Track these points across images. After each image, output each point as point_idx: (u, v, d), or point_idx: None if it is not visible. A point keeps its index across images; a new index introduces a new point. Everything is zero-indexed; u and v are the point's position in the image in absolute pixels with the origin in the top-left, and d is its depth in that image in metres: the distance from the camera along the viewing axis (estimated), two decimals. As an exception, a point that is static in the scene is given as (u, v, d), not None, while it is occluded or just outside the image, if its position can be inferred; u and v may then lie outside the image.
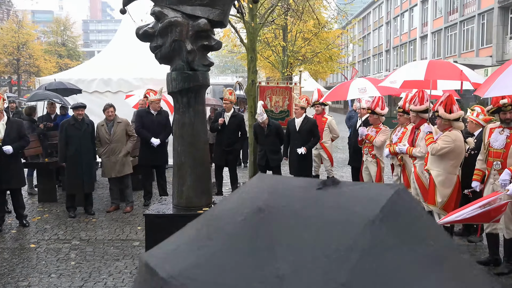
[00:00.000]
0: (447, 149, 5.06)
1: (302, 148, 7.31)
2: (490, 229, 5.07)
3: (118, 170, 7.32)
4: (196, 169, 4.41)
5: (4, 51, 39.29)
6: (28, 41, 40.97)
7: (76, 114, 7.07)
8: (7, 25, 41.76)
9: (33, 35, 44.01)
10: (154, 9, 4.21)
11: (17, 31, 39.62)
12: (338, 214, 0.89)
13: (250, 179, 1.12)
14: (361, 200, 0.94)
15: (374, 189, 1.05)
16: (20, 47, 40.16)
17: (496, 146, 4.80)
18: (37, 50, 42.54)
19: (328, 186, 1.01)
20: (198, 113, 4.39)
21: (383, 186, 1.08)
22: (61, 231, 6.39)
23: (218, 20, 4.29)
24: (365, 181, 7.38)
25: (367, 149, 7.11)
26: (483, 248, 5.61)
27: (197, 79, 4.29)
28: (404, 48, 42.35)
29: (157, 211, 4.43)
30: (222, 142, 7.93)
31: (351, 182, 1.13)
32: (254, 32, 8.36)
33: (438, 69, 5.59)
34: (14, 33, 39.59)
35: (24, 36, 40.23)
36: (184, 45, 4.19)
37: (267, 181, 1.08)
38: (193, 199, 4.40)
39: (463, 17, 30.26)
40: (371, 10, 52.50)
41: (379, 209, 0.84)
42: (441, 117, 5.12)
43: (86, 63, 14.56)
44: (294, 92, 8.67)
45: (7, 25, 42.21)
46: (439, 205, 5.25)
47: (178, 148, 4.42)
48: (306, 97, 7.63)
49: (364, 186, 1.13)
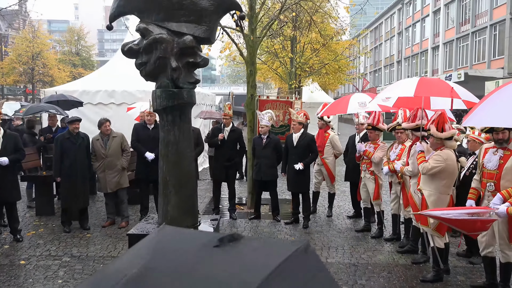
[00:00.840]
0: (438, 169, 4.90)
1: (299, 164, 7.18)
2: (486, 251, 4.88)
3: (114, 185, 7.29)
4: (181, 188, 4.31)
5: (19, 61, 39.91)
6: (43, 51, 41.58)
7: (72, 128, 7.05)
8: (22, 35, 42.51)
9: (48, 44, 44.71)
10: (139, 26, 4.15)
11: (31, 40, 40.24)
12: (229, 275, 0.84)
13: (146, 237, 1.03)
14: (256, 260, 0.89)
15: (275, 246, 0.96)
16: (34, 57, 40.79)
17: (489, 167, 4.63)
18: (51, 59, 43.16)
19: (227, 244, 0.93)
20: (183, 132, 4.31)
21: (285, 245, 0.99)
22: (53, 247, 6.33)
23: (204, 37, 4.22)
24: (363, 198, 7.21)
25: (365, 165, 6.96)
26: (480, 271, 5.40)
27: (182, 97, 4.21)
28: (415, 59, 42.06)
29: (141, 230, 4.34)
30: (222, 157, 7.85)
31: (254, 238, 1.05)
32: (254, 45, 8.30)
33: (428, 86, 5.45)
34: (29, 42, 40.19)
35: (39, 45, 40.83)
36: (169, 62, 4.12)
37: (160, 238, 1.00)
38: (177, 219, 4.30)
39: (475, 28, 29.95)
40: (383, 20, 52.34)
41: (271, 270, 0.79)
42: (433, 135, 4.97)
43: (91, 75, 14.65)
44: (294, 107, 8.54)
45: (22, 34, 42.99)
46: (432, 226, 5.08)
47: (163, 166, 4.34)
48: (304, 112, 7.52)
49: (267, 242, 1.03)
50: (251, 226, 7.45)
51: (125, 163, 7.38)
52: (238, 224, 7.54)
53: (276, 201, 7.86)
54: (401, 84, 6.23)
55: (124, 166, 7.40)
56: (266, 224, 7.57)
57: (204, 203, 9.03)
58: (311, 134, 7.60)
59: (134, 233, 4.26)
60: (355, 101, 7.12)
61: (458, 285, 5.18)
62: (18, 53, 40.01)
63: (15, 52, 40.54)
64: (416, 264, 5.78)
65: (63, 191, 7.08)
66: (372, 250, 6.30)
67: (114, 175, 7.30)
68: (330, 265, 5.69)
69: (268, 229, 7.25)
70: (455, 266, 5.73)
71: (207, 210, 8.38)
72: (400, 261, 5.89)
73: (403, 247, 6.31)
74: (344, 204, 9.11)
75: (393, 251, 6.31)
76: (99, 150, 7.30)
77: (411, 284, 5.16)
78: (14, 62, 39.80)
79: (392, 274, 5.44)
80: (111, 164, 7.27)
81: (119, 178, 7.38)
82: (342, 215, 8.26)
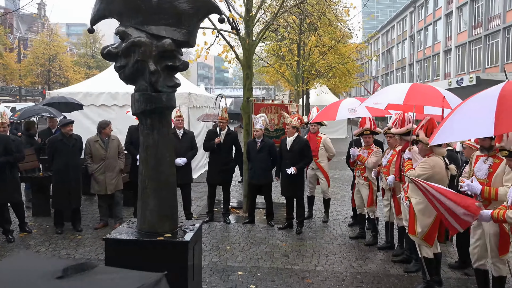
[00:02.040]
0: (424, 176, 4.76)
1: (291, 168, 7.08)
2: (478, 264, 4.73)
3: (113, 186, 7.35)
4: (160, 193, 4.26)
5: (36, 63, 41.10)
6: (59, 53, 42.48)
7: (66, 131, 7.07)
8: (39, 38, 43.48)
9: (64, 47, 45.62)
10: (118, 29, 4.12)
11: (48, 43, 41.10)
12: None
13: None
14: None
15: (128, 279, 0.88)
16: (51, 59, 41.77)
17: (479, 176, 4.48)
18: (67, 61, 44.07)
19: (72, 274, 0.86)
20: (162, 135, 4.25)
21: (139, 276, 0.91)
22: (43, 248, 6.33)
23: (183, 40, 4.17)
24: (357, 205, 7.08)
25: (359, 171, 6.83)
26: (475, 283, 5.22)
27: (161, 101, 4.15)
28: (427, 62, 41.62)
29: (118, 235, 4.29)
30: (218, 161, 7.78)
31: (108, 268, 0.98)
32: (250, 48, 8.23)
33: (419, 94, 5.28)
34: (46, 45, 41.22)
35: (55, 48, 41.78)
36: (147, 66, 4.07)
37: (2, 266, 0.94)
38: (155, 224, 4.25)
39: (488, 31, 29.51)
40: (395, 23, 51.92)
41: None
42: (422, 141, 4.83)
43: (94, 77, 14.76)
44: (290, 110, 8.45)
45: (39, 37, 43.96)
46: (420, 235, 4.93)
47: (142, 170, 4.29)
48: (298, 116, 7.42)
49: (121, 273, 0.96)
50: (244, 231, 7.37)
51: (123, 165, 7.50)
52: (231, 229, 7.47)
53: (271, 205, 7.77)
54: (391, 89, 6.04)
55: (121, 168, 7.49)
56: (259, 229, 7.48)
57: (201, 206, 8.98)
58: (304, 138, 7.50)
59: (111, 238, 4.20)
60: (345, 107, 6.99)
61: (449, 297, 5.04)
62: (36, 56, 41.11)
63: (32, 55, 41.70)
64: (408, 273, 5.64)
65: (55, 192, 7.09)
66: (364, 259, 6.17)
67: (114, 176, 7.37)
68: (318, 273, 5.58)
69: (260, 235, 7.16)
70: (449, 277, 5.58)
71: (202, 214, 8.32)
72: (392, 271, 5.75)
73: (398, 256, 6.17)
74: (342, 210, 8.98)
75: (386, 260, 6.17)
76: (98, 152, 7.29)
77: (399, 295, 5.03)
78: (31, 64, 40.89)
79: (381, 285, 5.30)
80: (110, 165, 7.33)
81: (117, 180, 7.45)
82: (338, 221, 8.13)
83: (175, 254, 4.09)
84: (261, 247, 6.51)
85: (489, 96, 3.48)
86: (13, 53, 42.41)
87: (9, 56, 38.89)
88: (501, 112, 3.20)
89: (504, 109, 3.22)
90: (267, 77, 29.41)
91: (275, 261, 5.95)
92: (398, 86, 5.99)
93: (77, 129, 10.51)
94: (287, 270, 5.64)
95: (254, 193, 7.82)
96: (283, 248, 6.50)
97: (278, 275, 5.46)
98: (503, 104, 3.27)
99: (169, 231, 4.28)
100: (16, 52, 43.94)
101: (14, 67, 38.83)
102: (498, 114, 3.19)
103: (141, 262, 4.11)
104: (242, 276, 5.39)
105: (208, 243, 6.68)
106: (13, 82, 42.23)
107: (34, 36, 48.31)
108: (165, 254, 4.10)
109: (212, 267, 5.70)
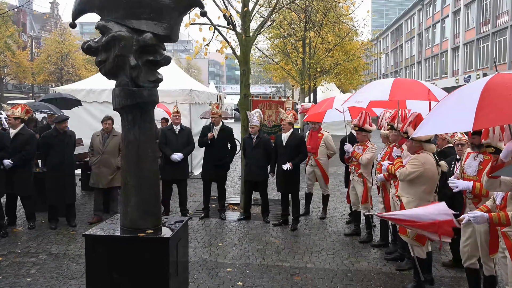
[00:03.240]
0: (416, 174, 4.66)
1: (287, 164, 7.02)
2: (468, 263, 4.61)
3: (106, 181, 7.34)
4: (142, 189, 4.21)
5: (49, 61, 41.69)
6: (71, 51, 42.94)
7: (61, 127, 7.09)
8: (52, 37, 44.00)
9: (76, 45, 46.08)
10: (98, 23, 4.08)
11: (60, 42, 41.58)
12: None
13: None
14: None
15: None
16: (63, 57, 42.32)
17: (469, 173, 4.38)
18: (79, 59, 44.49)
19: None
20: (144, 131, 4.20)
21: None
22: (35, 244, 6.34)
23: (164, 34, 4.11)
24: (352, 202, 7.01)
25: (354, 167, 6.74)
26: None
27: (142, 96, 4.10)
28: (435, 60, 41.18)
29: (98, 231, 4.26)
30: (212, 156, 7.74)
31: None
32: (247, 44, 8.17)
33: (403, 88, 5.15)
34: (58, 44, 41.78)
35: (67, 46, 42.22)
36: (128, 60, 4.03)
37: None
38: (137, 220, 4.20)
39: (496, 28, 29.08)
40: (403, 21, 51.46)
41: None
42: (412, 138, 4.72)
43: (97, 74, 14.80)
44: (286, 107, 8.38)
45: (51, 36, 44.49)
46: (411, 235, 4.82)
47: (124, 166, 4.25)
48: (293, 112, 7.34)
49: None
50: (238, 227, 7.32)
51: (120, 163, 7.34)
52: (225, 225, 7.43)
53: (266, 202, 7.72)
54: (373, 86, 5.86)
55: (119, 166, 7.34)
56: (254, 225, 7.42)
57: (198, 202, 8.95)
58: (300, 134, 7.43)
59: (90, 234, 4.17)
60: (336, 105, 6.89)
61: (440, 296, 4.94)
62: (48, 54, 41.74)
63: (45, 53, 42.14)
64: (400, 271, 5.55)
65: (50, 188, 7.10)
66: (356, 256, 6.09)
67: (109, 172, 7.38)
68: (308, 270, 5.52)
69: (254, 231, 7.10)
70: (442, 276, 5.47)
71: (199, 210, 8.29)
72: (384, 269, 5.66)
73: (391, 254, 6.08)
74: (340, 207, 8.90)
75: (379, 257, 6.08)
76: (97, 146, 7.42)
77: (389, 294, 4.94)
78: (44, 62, 41.35)
79: (371, 282, 5.22)
80: (106, 161, 7.35)
81: (113, 176, 7.43)
82: (335, 218, 8.05)
83: (155, 250, 4.05)
84: (253, 244, 6.46)
85: (473, 89, 3.36)
86: (26, 52, 42.93)
87: (21, 54, 39.36)
88: (483, 107, 3.06)
89: (486, 104, 3.09)
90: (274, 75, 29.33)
91: (266, 258, 5.90)
92: (381, 83, 5.84)
93: (80, 125, 10.62)
94: (277, 267, 5.58)
95: (250, 189, 7.77)
96: (276, 245, 6.44)
97: (267, 272, 5.40)
98: (485, 99, 3.13)
99: (151, 227, 4.24)
100: (28, 50, 44.50)
101: (26, 65, 39.34)
102: (479, 108, 3.06)
103: (121, 258, 4.08)
104: (230, 273, 5.34)
105: (200, 239, 6.65)
106: (26, 80, 42.79)
107: (47, 35, 48.84)
108: (145, 251, 4.06)
109: (202, 263, 5.66)
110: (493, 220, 3.61)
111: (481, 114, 3.02)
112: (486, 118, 3.01)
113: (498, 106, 2.98)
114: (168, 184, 7.75)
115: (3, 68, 38.67)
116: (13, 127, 6.85)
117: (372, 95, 5.43)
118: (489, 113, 3.04)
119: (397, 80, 5.28)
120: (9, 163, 6.61)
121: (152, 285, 4.05)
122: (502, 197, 3.72)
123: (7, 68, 38.87)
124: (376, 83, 6.14)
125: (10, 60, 36.77)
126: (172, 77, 12.72)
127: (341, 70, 22.72)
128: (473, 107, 3.10)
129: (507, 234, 3.68)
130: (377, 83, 6.14)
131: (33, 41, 48.79)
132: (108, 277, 4.07)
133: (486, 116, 3.01)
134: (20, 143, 6.78)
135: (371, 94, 5.47)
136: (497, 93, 3.05)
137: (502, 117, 3.00)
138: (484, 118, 2.99)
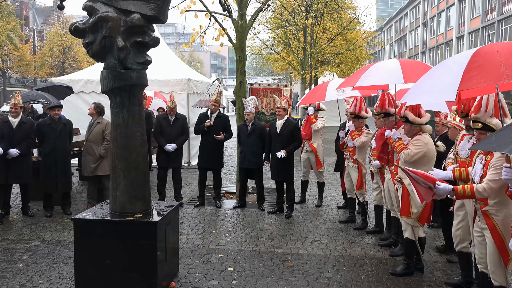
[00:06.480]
0: (420, 154, 4.71)
1: (281, 151, 6.98)
2: (460, 246, 4.56)
3: (91, 170, 7.22)
4: (130, 173, 4.20)
5: (51, 54, 41.81)
6: (73, 45, 42.93)
7: (53, 115, 7.05)
8: (54, 30, 44.00)
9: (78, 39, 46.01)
10: (85, 4, 4.04)
11: (63, 35, 41.59)
12: None
13: None
14: None
15: None
16: (65, 50, 42.35)
17: (462, 155, 4.33)
18: (81, 53, 44.51)
19: None
20: (133, 114, 4.18)
21: None
22: (29, 231, 6.35)
23: (152, 15, 4.07)
24: (347, 188, 6.97)
25: (349, 153, 6.69)
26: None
27: (130, 78, 4.07)
28: (440, 49, 40.84)
29: (87, 216, 4.25)
30: (208, 144, 7.71)
31: None
32: (243, 31, 8.09)
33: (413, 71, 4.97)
34: (60, 37, 41.87)
35: (69, 39, 42.24)
36: (115, 42, 3.99)
37: None
38: (126, 205, 4.20)
39: (502, 16, 28.75)
40: (408, 10, 51.01)
41: None
42: (412, 122, 4.73)
43: (95, 65, 14.78)
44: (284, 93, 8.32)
45: (53, 30, 44.52)
46: (414, 216, 4.82)
47: (113, 150, 4.23)
48: (287, 99, 7.28)
49: None
50: (233, 215, 7.30)
51: (103, 152, 7.13)
52: (220, 213, 7.41)
53: (262, 189, 7.69)
54: (381, 68, 5.52)
55: (101, 154, 7.19)
56: (249, 213, 7.41)
57: (195, 191, 8.93)
58: (294, 121, 7.37)
59: (79, 218, 4.16)
60: (333, 88, 6.81)
61: (433, 282, 4.88)
62: (50, 47, 41.85)
63: (47, 46, 42.24)
64: (393, 256, 5.52)
65: (44, 176, 7.09)
66: (350, 242, 6.06)
67: (92, 160, 7.20)
68: (300, 256, 5.50)
69: (249, 218, 7.08)
70: (435, 261, 5.44)
71: (195, 198, 8.27)
72: (377, 255, 5.63)
73: (385, 240, 6.05)
74: (337, 195, 8.86)
75: (373, 243, 6.05)
76: (86, 133, 7.38)
77: (380, 279, 4.89)
78: (46, 55, 41.40)
79: (363, 268, 5.19)
80: (90, 149, 7.22)
81: (96, 164, 7.21)
82: (331, 206, 8.02)
83: (144, 234, 4.04)
84: (247, 231, 6.44)
85: (463, 56, 3.36)
86: (28, 45, 42.98)
87: (24, 47, 39.41)
88: (470, 70, 3.08)
89: (474, 67, 3.09)
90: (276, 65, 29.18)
91: (258, 244, 5.88)
92: (386, 64, 5.61)
93: (78, 115, 10.57)
94: (269, 253, 5.56)
95: (245, 177, 7.74)
96: (269, 232, 6.42)
97: (258, 258, 5.38)
98: (474, 63, 3.15)
99: (140, 211, 4.22)
100: (31, 44, 44.52)
101: (28, 58, 39.38)
102: (466, 71, 3.08)
103: (109, 242, 4.07)
104: (222, 259, 5.33)
105: (194, 226, 6.64)
106: (28, 73, 42.87)
107: (50, 29, 48.87)
108: (134, 235, 4.05)
109: (194, 249, 5.65)
110: (458, 192, 3.59)
111: (468, 76, 3.05)
112: (472, 80, 3.02)
113: (485, 69, 2.99)
114: (163, 172, 7.74)
115: (5, 61, 38.76)
116: (16, 116, 6.81)
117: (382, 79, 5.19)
118: (476, 75, 3.05)
119: (402, 62, 5.15)
120: (16, 152, 6.62)
121: (141, 269, 4.04)
122: (480, 175, 3.68)
123: (9, 62, 38.94)
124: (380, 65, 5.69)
125: (12, 54, 36.83)
126: (170, 66, 12.67)
127: (342, 60, 22.58)
128: (460, 71, 3.12)
129: (488, 213, 3.63)
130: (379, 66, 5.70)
131: (36, 34, 48.74)
132: (96, 261, 4.07)
133: (472, 78, 3.02)
134: (25, 131, 6.79)
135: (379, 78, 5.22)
136: (487, 58, 3.08)
137: (486, 79, 2.98)
138: (469, 80, 3.01)
